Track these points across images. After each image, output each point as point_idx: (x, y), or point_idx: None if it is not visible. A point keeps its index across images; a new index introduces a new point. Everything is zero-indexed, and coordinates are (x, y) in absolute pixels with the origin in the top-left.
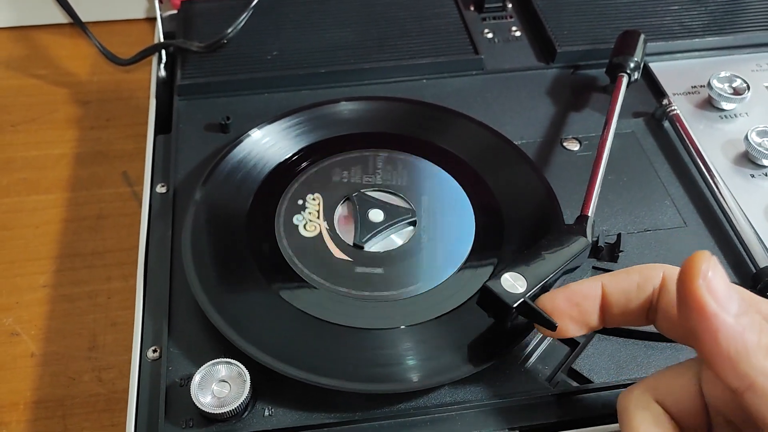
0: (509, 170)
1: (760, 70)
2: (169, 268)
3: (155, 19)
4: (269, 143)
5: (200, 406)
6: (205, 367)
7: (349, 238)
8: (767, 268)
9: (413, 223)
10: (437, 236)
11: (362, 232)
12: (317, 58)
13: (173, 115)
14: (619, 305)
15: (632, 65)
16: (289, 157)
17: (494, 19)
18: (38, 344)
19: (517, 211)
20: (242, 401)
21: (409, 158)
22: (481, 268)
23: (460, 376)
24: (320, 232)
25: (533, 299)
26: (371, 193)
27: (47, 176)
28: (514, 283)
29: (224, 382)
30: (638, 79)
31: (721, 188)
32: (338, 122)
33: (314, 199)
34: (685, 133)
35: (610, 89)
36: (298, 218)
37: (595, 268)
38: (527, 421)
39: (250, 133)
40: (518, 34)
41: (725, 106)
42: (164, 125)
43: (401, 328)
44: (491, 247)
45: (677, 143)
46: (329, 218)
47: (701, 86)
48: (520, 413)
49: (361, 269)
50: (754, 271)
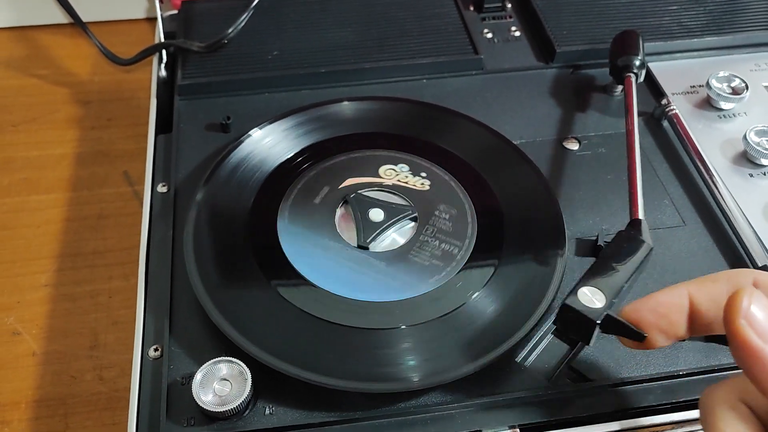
0: (509, 170)
1: (758, 69)
2: (170, 267)
3: (156, 19)
4: (270, 143)
5: (201, 404)
6: (206, 365)
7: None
8: (765, 266)
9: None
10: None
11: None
12: (317, 57)
13: (174, 114)
14: (708, 314)
15: (638, 64)
16: (290, 157)
17: (494, 19)
18: (40, 343)
19: (517, 210)
20: (243, 400)
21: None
22: (481, 268)
23: (459, 375)
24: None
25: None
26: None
27: (48, 176)
28: (591, 297)
29: (225, 380)
30: (644, 78)
31: (719, 187)
32: (339, 122)
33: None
34: (683, 132)
35: (610, 89)
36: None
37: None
38: (527, 419)
39: (251, 132)
40: (518, 34)
41: (724, 105)
42: (165, 125)
43: (402, 328)
44: (491, 247)
45: (676, 143)
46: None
47: (700, 86)
48: (519, 411)
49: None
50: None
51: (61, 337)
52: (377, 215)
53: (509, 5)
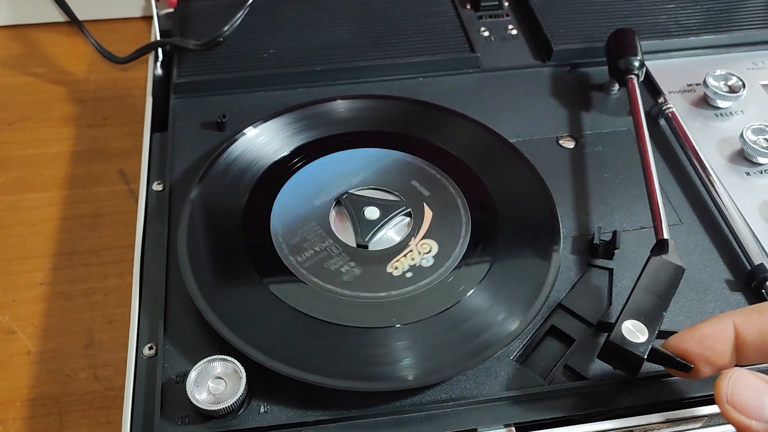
0: (505, 168)
1: (755, 68)
2: (165, 265)
3: (152, 17)
4: (265, 141)
5: (196, 402)
6: (200, 364)
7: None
8: (762, 265)
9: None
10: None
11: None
12: (313, 56)
13: (170, 113)
14: (754, 345)
15: (638, 64)
16: (285, 155)
17: (490, 17)
18: (35, 342)
19: (512, 209)
20: (238, 398)
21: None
22: (476, 265)
23: (455, 373)
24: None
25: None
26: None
27: (44, 174)
28: (635, 331)
29: (220, 379)
30: (642, 78)
31: (716, 186)
32: (334, 121)
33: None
34: (680, 131)
35: (607, 87)
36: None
37: (590, 265)
38: (523, 417)
39: (245, 131)
40: (514, 32)
41: (721, 104)
42: (161, 123)
43: (397, 326)
44: (487, 245)
45: (673, 141)
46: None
47: (697, 84)
48: (515, 409)
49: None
50: (749, 268)
51: (56, 335)
52: (372, 213)
53: (506, 3)
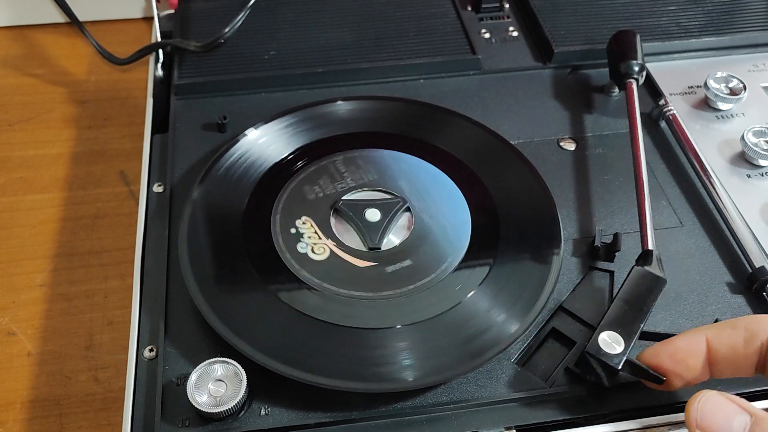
0: (506, 170)
1: (756, 70)
2: (165, 267)
3: (152, 18)
4: (266, 143)
5: (197, 405)
6: (201, 366)
7: (354, 244)
8: (763, 268)
9: (408, 209)
10: (434, 213)
11: (371, 234)
12: (314, 57)
13: (170, 114)
14: (726, 360)
15: (637, 69)
16: (285, 156)
17: (491, 19)
18: (35, 343)
19: (513, 210)
20: (238, 400)
21: (370, 152)
22: (477, 267)
23: (455, 375)
24: (331, 251)
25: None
26: (352, 196)
27: (44, 175)
28: (611, 342)
29: (221, 381)
30: (643, 81)
31: (717, 188)
32: (335, 122)
33: (305, 223)
34: (681, 133)
35: (607, 89)
36: (302, 246)
37: (591, 267)
38: (523, 420)
39: (246, 132)
40: (515, 34)
41: (722, 106)
42: (161, 125)
43: (397, 327)
44: (487, 246)
45: (674, 143)
46: (331, 234)
47: (698, 86)
48: (516, 412)
49: (391, 268)
50: (750, 270)
51: (56, 337)
52: (373, 215)
53: (507, 5)
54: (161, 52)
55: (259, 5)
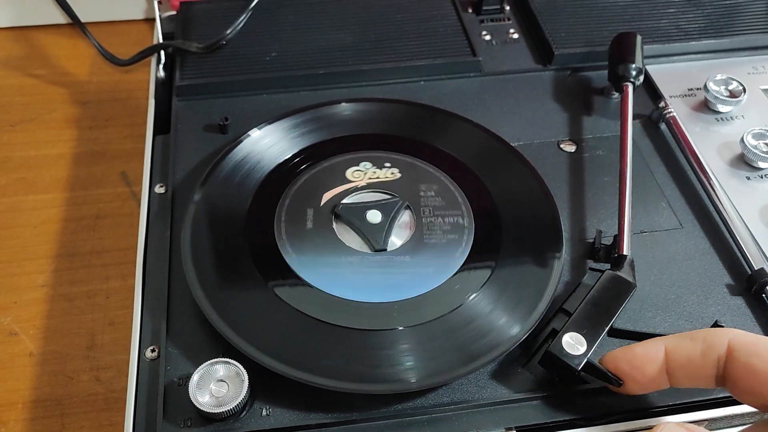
0: (506, 172)
1: (756, 72)
2: (167, 268)
3: (154, 19)
4: (268, 144)
5: (198, 405)
6: (203, 366)
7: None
8: (762, 270)
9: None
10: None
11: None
12: (316, 59)
13: (172, 115)
14: (683, 370)
15: (635, 72)
16: (287, 158)
17: (492, 21)
18: (36, 344)
19: (514, 212)
20: (240, 401)
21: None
22: (478, 269)
23: (457, 377)
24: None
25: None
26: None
27: (45, 176)
28: (574, 344)
29: (222, 381)
30: (641, 83)
31: (717, 190)
32: (336, 124)
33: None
34: (681, 135)
35: (607, 92)
36: None
37: (591, 269)
38: (524, 420)
39: (249, 133)
40: (516, 36)
41: (721, 108)
42: (163, 126)
43: (399, 329)
44: (489, 248)
45: (673, 145)
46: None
47: (697, 89)
48: (517, 413)
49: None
50: (749, 272)
51: (58, 337)
52: (375, 216)
53: (507, 7)
54: (163, 53)
55: (260, 7)
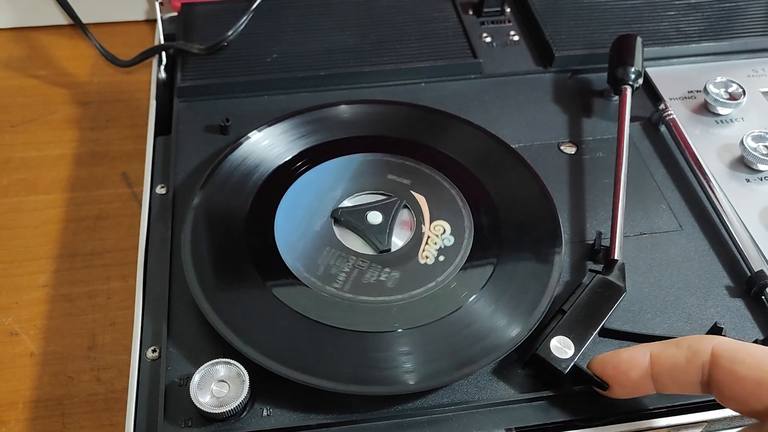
0: (507, 174)
1: (755, 75)
2: (168, 268)
3: (155, 20)
4: (269, 145)
5: (199, 405)
6: (204, 367)
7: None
8: (762, 272)
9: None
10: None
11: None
12: (317, 60)
13: (173, 116)
14: (668, 376)
15: (633, 75)
16: (288, 159)
17: (493, 23)
18: (37, 344)
19: (514, 214)
20: (241, 401)
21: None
22: (478, 271)
23: (456, 378)
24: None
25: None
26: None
27: (46, 176)
28: (562, 347)
29: (223, 382)
30: (640, 86)
31: (716, 192)
32: (337, 125)
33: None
34: (681, 137)
35: (607, 94)
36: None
37: (591, 270)
38: (524, 421)
39: (249, 135)
40: (516, 38)
41: (721, 111)
42: (164, 127)
43: (398, 330)
44: (489, 250)
45: (673, 147)
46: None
47: (697, 91)
48: (516, 414)
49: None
50: (749, 274)
51: (58, 337)
52: (375, 218)
53: (508, 10)
54: (164, 54)
55: (262, 8)
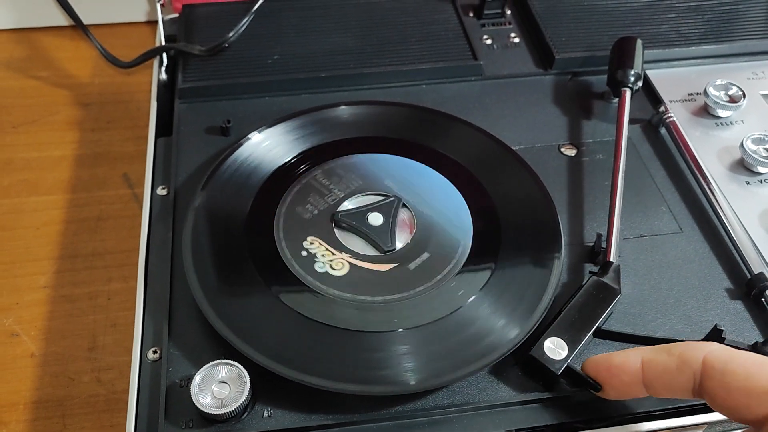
0: (507, 175)
1: (755, 78)
2: (169, 269)
3: (156, 22)
4: (269, 146)
5: (200, 407)
6: (205, 368)
7: (361, 250)
8: (761, 274)
9: (404, 205)
10: (429, 203)
11: (382, 238)
12: (318, 62)
13: (174, 118)
14: (660, 383)
15: (633, 78)
16: (289, 160)
17: (493, 25)
18: (38, 345)
19: (514, 215)
20: (242, 402)
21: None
22: (478, 272)
23: (457, 378)
24: (350, 263)
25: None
26: (348, 204)
27: (48, 177)
28: (556, 348)
29: (224, 383)
30: (640, 88)
31: (716, 195)
32: (338, 126)
33: (312, 243)
34: (681, 139)
35: (608, 96)
36: (319, 266)
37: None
38: (524, 423)
39: (250, 136)
40: (517, 40)
41: (721, 113)
42: (165, 128)
43: (399, 331)
44: (489, 251)
45: (673, 150)
46: (344, 248)
47: (697, 94)
48: (517, 415)
49: (413, 264)
50: (748, 276)
51: (59, 338)
52: (376, 219)
53: (509, 12)
54: (165, 55)
55: (263, 10)
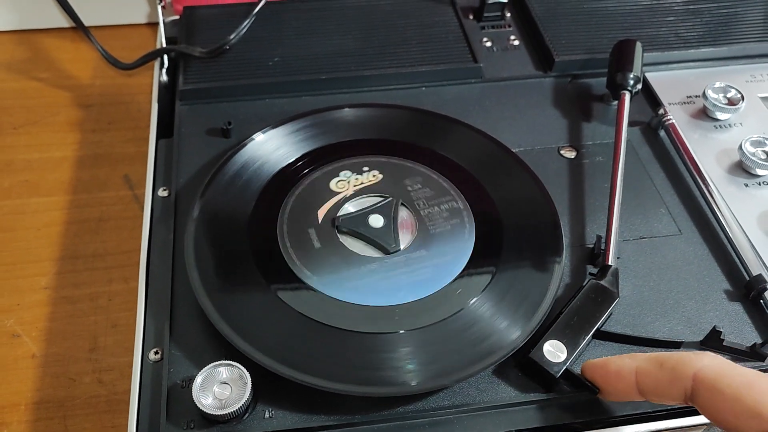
0: (507, 177)
1: (754, 80)
2: (170, 270)
3: (157, 24)
4: (271, 148)
5: (202, 407)
6: (206, 369)
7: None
8: (760, 276)
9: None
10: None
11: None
12: (318, 64)
13: (175, 119)
14: (653, 394)
15: (632, 81)
16: (290, 162)
17: (493, 28)
18: (39, 345)
19: (515, 218)
20: (243, 403)
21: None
22: (480, 274)
23: (457, 380)
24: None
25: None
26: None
27: (48, 178)
28: (555, 351)
29: (225, 384)
30: (639, 91)
31: (715, 197)
32: (339, 128)
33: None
34: (680, 142)
35: (607, 99)
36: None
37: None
38: (525, 424)
39: (251, 138)
40: (516, 43)
41: (720, 116)
42: (166, 130)
43: (401, 332)
44: (490, 253)
45: (672, 152)
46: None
47: (696, 96)
48: (517, 416)
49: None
50: (747, 278)
51: (60, 339)
52: (377, 221)
53: (508, 14)
54: (166, 57)
55: (263, 12)
